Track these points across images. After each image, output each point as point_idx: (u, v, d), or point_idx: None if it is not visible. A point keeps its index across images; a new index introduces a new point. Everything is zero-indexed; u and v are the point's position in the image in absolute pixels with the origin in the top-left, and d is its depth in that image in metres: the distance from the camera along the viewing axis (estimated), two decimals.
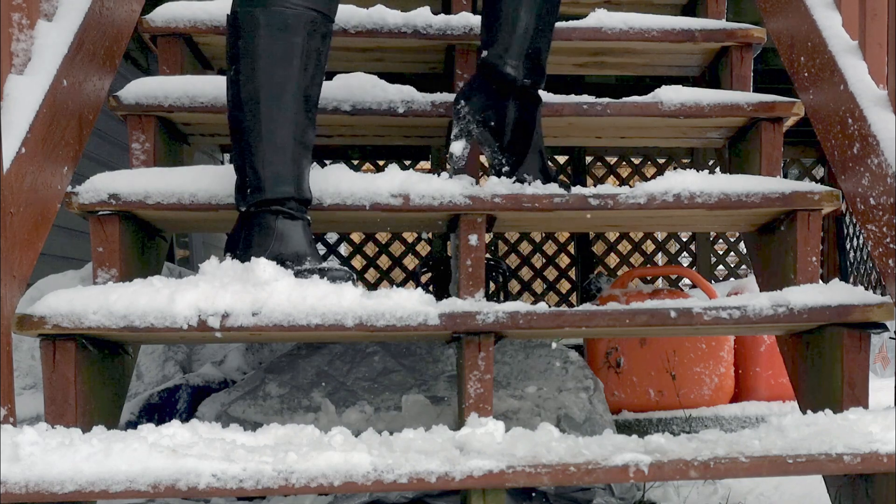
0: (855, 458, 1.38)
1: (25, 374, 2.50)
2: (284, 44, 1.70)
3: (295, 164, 1.73)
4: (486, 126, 1.94)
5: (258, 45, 1.70)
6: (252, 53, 1.70)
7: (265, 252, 1.68)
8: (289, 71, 1.71)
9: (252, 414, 2.22)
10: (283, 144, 1.71)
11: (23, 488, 1.25)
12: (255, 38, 1.70)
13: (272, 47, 1.70)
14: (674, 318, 1.66)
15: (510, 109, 1.92)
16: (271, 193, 1.70)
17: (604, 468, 1.35)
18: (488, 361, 1.65)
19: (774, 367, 3.30)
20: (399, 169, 1.93)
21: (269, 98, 1.70)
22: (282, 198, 1.71)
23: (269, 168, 1.70)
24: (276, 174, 1.71)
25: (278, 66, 1.70)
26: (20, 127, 1.63)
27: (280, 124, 1.71)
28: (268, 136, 1.70)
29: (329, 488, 1.30)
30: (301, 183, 1.74)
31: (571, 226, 2.20)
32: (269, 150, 1.70)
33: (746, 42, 2.39)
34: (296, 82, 1.71)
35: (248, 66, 1.71)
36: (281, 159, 1.71)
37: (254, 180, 1.71)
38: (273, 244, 1.70)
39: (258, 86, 1.70)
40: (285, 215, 1.71)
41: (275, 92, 1.70)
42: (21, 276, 1.62)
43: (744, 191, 1.90)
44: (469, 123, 1.93)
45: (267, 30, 1.69)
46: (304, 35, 1.71)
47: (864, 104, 1.85)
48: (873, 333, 1.72)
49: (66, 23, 1.85)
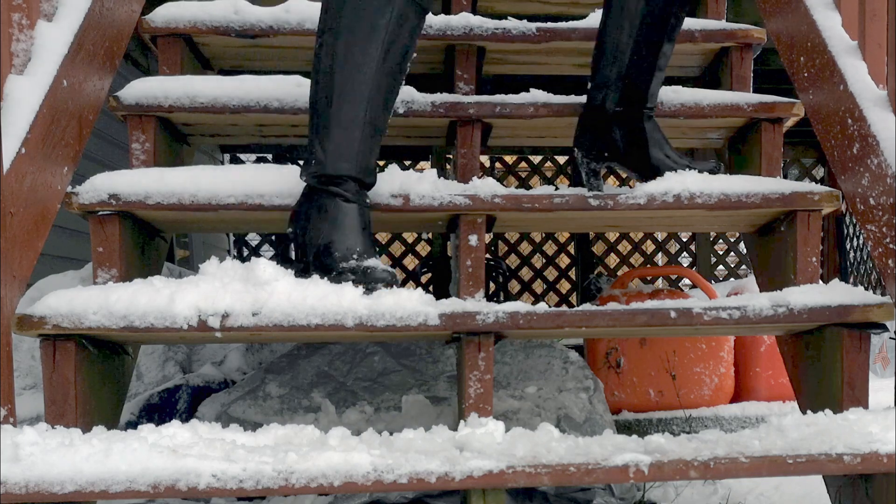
0: (855, 458, 1.38)
1: (25, 374, 2.50)
2: (369, 23, 1.70)
3: (361, 144, 1.72)
4: (602, 159, 2.04)
5: (342, 21, 1.70)
6: (336, 28, 1.70)
7: (321, 236, 1.69)
8: (369, 52, 1.70)
9: (252, 414, 2.22)
10: (351, 122, 1.71)
11: (23, 488, 1.25)
12: (341, 13, 1.70)
13: (356, 24, 1.70)
14: (674, 318, 1.66)
15: (616, 135, 2.02)
16: (332, 169, 1.71)
17: (604, 468, 1.35)
18: (488, 361, 1.65)
19: (774, 367, 3.31)
20: (399, 169, 1.93)
21: (344, 73, 1.70)
22: (342, 175, 1.71)
23: (333, 143, 1.71)
24: (339, 150, 1.71)
25: (358, 44, 1.70)
26: (20, 127, 1.63)
27: (351, 101, 1.70)
28: (336, 110, 1.70)
29: (329, 488, 1.30)
30: (365, 165, 1.74)
31: (571, 226, 2.20)
32: (336, 125, 1.70)
33: (746, 42, 2.39)
34: (375, 65, 1.71)
35: (330, 39, 1.71)
36: (346, 137, 1.71)
37: (319, 153, 1.71)
38: (326, 228, 1.70)
39: (336, 60, 1.70)
40: (342, 198, 1.71)
41: (350, 68, 1.70)
42: (21, 276, 1.62)
43: (744, 191, 1.90)
44: (590, 163, 2.05)
45: (354, 6, 1.70)
46: (390, 19, 1.71)
47: (864, 104, 1.85)
48: (873, 334, 1.72)
49: (66, 23, 1.85)
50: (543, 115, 2.14)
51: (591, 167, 2.04)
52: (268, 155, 6.19)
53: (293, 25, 2.31)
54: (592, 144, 2.03)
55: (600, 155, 2.03)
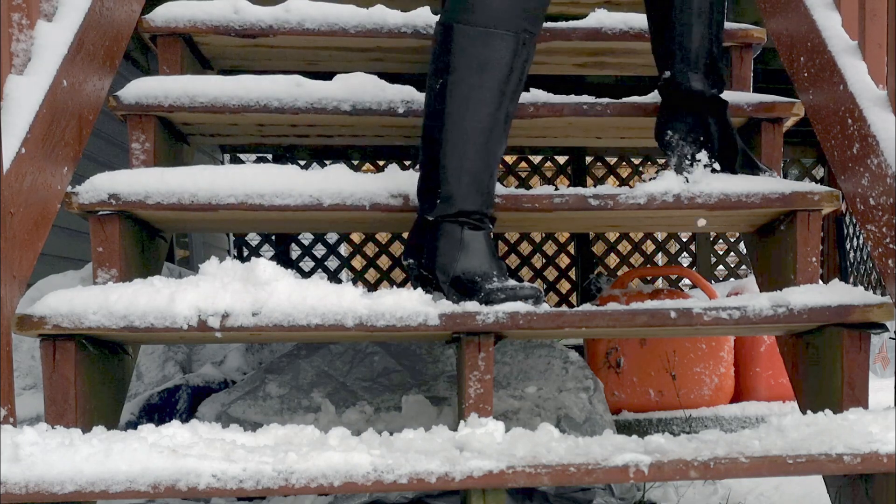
0: (855, 458, 1.38)
1: (25, 374, 2.50)
2: (494, 62, 1.73)
3: (488, 178, 1.76)
4: (697, 144, 1.98)
5: (468, 62, 1.73)
6: (460, 69, 1.73)
7: (455, 264, 1.73)
8: (494, 89, 1.74)
9: (252, 414, 2.22)
10: (479, 160, 1.74)
11: (23, 489, 1.25)
12: (466, 55, 1.72)
13: (483, 65, 1.73)
14: (674, 318, 1.66)
15: (710, 121, 1.97)
16: (462, 206, 1.74)
17: (604, 468, 1.35)
18: (488, 362, 1.65)
19: (774, 367, 3.31)
20: (399, 169, 1.93)
21: (472, 113, 1.73)
22: (470, 210, 1.75)
23: (463, 182, 1.74)
24: (469, 189, 1.74)
25: (485, 83, 1.73)
26: (20, 127, 1.63)
27: (479, 140, 1.74)
28: (466, 151, 1.73)
29: (329, 488, 1.30)
30: (490, 197, 1.78)
31: (571, 226, 2.20)
32: (466, 166, 1.74)
33: (746, 42, 2.39)
34: (499, 100, 1.74)
35: (454, 80, 1.73)
36: (475, 175, 1.74)
37: (446, 191, 1.74)
38: (461, 257, 1.74)
39: (463, 102, 1.73)
40: (471, 226, 1.75)
41: (477, 108, 1.73)
42: (21, 276, 1.62)
43: (744, 191, 1.90)
44: (683, 148, 1.98)
45: (481, 48, 1.72)
46: (513, 54, 1.74)
47: (864, 104, 1.84)
48: (873, 334, 1.72)
49: (66, 23, 1.85)
50: (543, 114, 2.14)
51: (685, 153, 1.98)
52: (268, 155, 6.18)
53: (293, 25, 2.31)
54: (691, 129, 1.98)
55: (697, 142, 1.97)
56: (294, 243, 6.35)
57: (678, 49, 1.96)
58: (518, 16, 1.74)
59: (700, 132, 1.97)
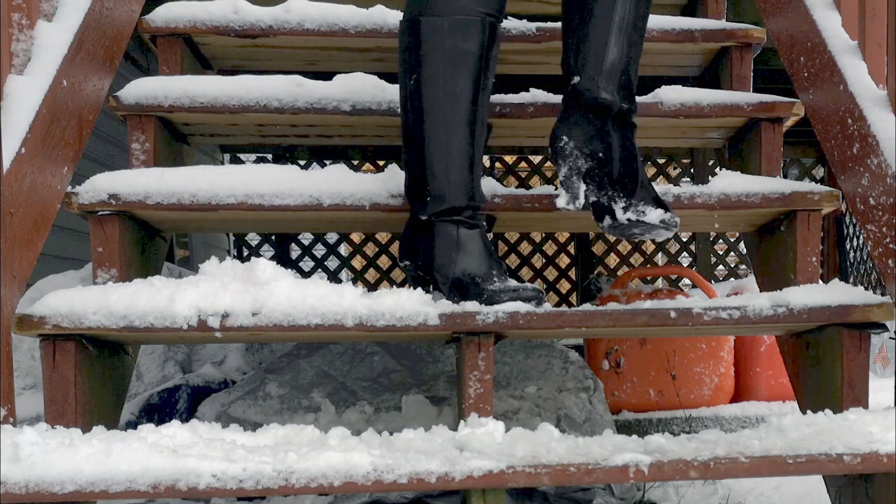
0: (855, 458, 1.38)
1: (25, 374, 2.50)
2: (465, 51, 1.71)
3: (472, 171, 1.75)
4: (593, 159, 1.77)
5: (439, 54, 1.71)
6: (433, 61, 1.71)
7: (453, 265, 1.73)
8: (469, 78, 1.72)
9: (252, 414, 2.22)
10: (462, 152, 1.73)
11: (23, 488, 1.25)
12: (436, 47, 1.71)
13: (454, 55, 1.71)
14: (674, 318, 1.66)
15: (613, 137, 1.77)
16: (453, 202, 1.73)
17: (604, 468, 1.35)
18: (488, 361, 1.65)
19: (774, 367, 3.31)
20: (399, 169, 1.93)
21: (450, 106, 1.72)
22: (461, 206, 1.74)
23: (450, 177, 1.73)
24: (456, 183, 1.73)
25: (459, 74, 1.71)
26: (20, 127, 1.63)
27: (460, 132, 1.73)
28: (448, 144, 1.72)
29: (329, 488, 1.30)
30: (476, 190, 1.76)
31: (571, 226, 2.19)
32: (450, 159, 1.72)
33: (746, 42, 2.39)
34: (474, 89, 1.73)
35: (428, 74, 1.72)
36: (460, 168, 1.73)
37: (435, 188, 1.73)
38: (458, 258, 1.73)
39: (439, 94, 1.71)
40: (465, 225, 1.75)
41: (455, 100, 1.72)
42: (21, 276, 1.62)
43: (744, 191, 1.90)
44: (577, 159, 1.77)
45: (449, 38, 1.71)
46: (481, 41, 1.73)
47: (864, 104, 1.85)
48: (873, 333, 1.72)
49: (66, 23, 1.85)
50: (543, 114, 2.14)
51: (577, 165, 1.77)
52: (268, 155, 6.18)
53: (293, 25, 2.31)
54: (589, 139, 1.77)
55: (594, 156, 1.77)
56: (294, 243, 6.35)
57: (592, 57, 1.77)
58: (478, 1, 1.73)
59: (599, 146, 1.76)
